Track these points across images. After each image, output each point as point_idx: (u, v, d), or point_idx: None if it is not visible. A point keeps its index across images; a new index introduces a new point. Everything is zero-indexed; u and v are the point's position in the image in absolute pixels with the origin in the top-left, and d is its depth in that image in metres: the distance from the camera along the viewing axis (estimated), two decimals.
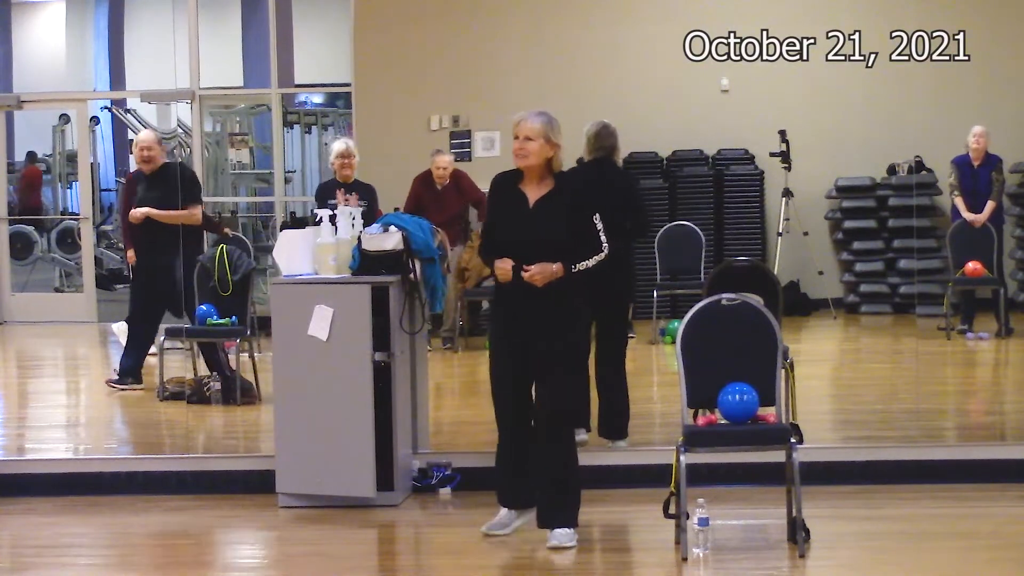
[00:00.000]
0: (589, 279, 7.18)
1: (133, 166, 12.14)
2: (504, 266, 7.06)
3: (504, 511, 7.37)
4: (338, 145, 11.43)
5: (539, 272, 6.99)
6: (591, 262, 7.08)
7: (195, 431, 10.03)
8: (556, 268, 7.01)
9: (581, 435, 8.59)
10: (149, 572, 7.28)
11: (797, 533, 6.90)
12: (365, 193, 11.04)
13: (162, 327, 11.20)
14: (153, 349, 11.61)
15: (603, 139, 8.80)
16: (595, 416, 8.83)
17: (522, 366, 7.14)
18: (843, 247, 14.22)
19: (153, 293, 11.09)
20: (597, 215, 7.12)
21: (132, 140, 11.63)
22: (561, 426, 7.14)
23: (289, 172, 16.44)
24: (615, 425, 8.77)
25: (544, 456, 7.15)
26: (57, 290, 16.83)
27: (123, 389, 11.01)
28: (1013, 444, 8.93)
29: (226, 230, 12.56)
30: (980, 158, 12.80)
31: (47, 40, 19.15)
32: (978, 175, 12.79)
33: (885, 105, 13.43)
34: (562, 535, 7.12)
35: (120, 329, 11.90)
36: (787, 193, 13.55)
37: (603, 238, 7.11)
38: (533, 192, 7.18)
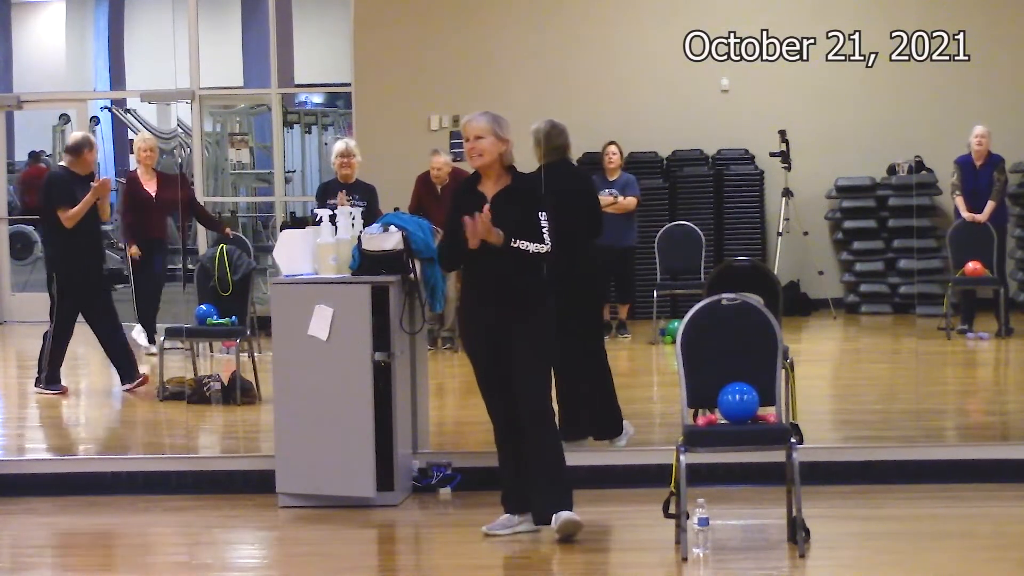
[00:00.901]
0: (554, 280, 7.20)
1: (133, 165, 12.16)
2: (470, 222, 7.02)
3: (507, 515, 7.38)
4: (339, 145, 11.42)
5: (484, 227, 6.95)
6: (531, 247, 7.07)
7: (195, 431, 10.03)
8: (499, 234, 7.01)
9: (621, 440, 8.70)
10: (149, 572, 7.28)
11: (797, 533, 6.90)
12: (366, 193, 11.04)
13: (162, 327, 11.20)
14: (153, 349, 11.63)
15: (554, 138, 8.59)
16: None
17: (501, 366, 7.17)
18: (843, 247, 14.20)
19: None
20: (544, 214, 7.13)
21: (132, 140, 11.75)
22: (540, 422, 7.16)
23: (289, 172, 16.41)
24: (601, 425, 8.74)
25: (530, 452, 7.17)
26: None
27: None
28: (1013, 444, 8.92)
29: (226, 230, 12.57)
30: (982, 158, 12.79)
31: (47, 40, 19.13)
32: (980, 175, 12.78)
33: (885, 105, 13.40)
34: (567, 512, 7.11)
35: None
36: (787, 193, 13.54)
37: (547, 236, 7.12)
38: (491, 190, 7.24)
